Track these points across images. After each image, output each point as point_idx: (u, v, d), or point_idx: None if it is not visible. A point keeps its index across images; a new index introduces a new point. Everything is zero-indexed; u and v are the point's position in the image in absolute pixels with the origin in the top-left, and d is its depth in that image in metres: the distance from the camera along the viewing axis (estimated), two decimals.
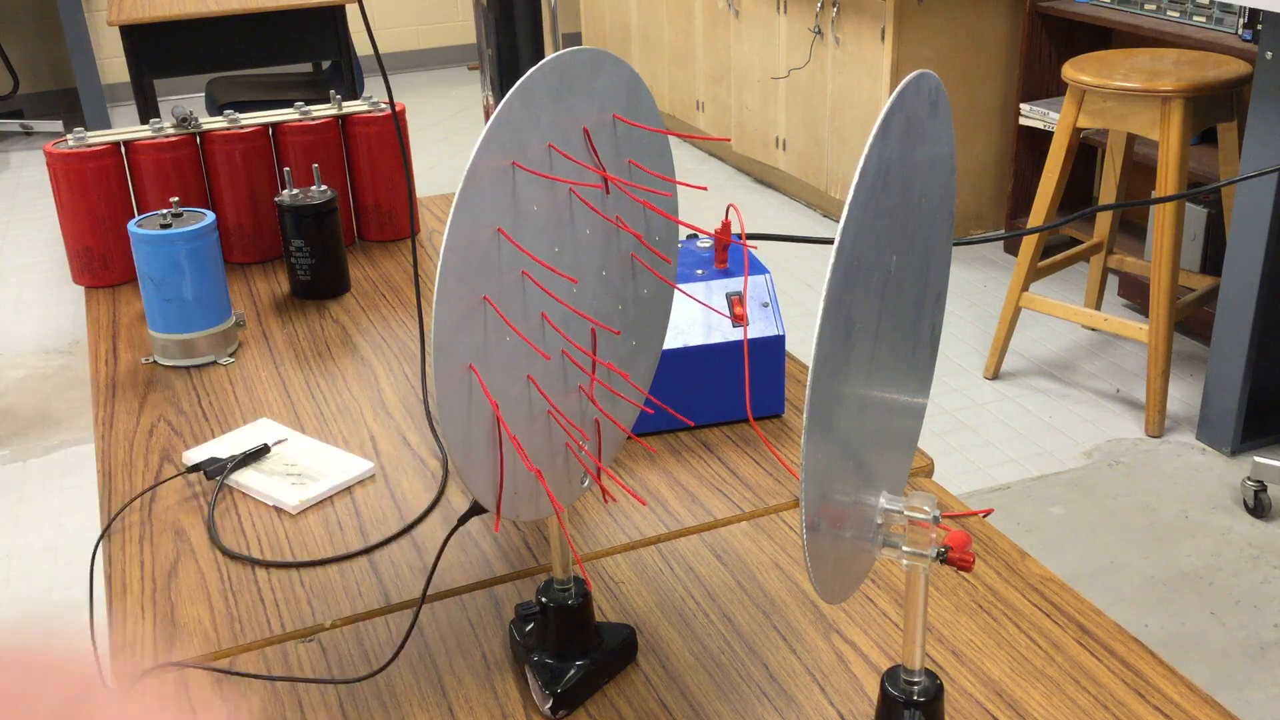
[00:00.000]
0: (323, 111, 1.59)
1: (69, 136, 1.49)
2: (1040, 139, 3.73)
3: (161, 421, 1.20)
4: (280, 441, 1.14)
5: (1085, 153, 3.83)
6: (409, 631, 0.86)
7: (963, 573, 0.85)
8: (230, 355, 1.33)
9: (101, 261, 1.51)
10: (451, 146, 5.36)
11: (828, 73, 3.99)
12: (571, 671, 0.82)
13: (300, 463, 1.11)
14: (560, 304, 0.74)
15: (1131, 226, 3.73)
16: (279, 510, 1.05)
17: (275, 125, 1.56)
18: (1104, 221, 3.22)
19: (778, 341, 1.12)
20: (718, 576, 0.95)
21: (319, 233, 1.44)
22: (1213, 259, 3.15)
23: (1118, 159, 3.10)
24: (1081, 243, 3.26)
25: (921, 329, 0.73)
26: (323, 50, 3.67)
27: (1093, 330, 3.37)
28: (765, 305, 1.12)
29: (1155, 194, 3.10)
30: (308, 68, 4.40)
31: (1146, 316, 3.01)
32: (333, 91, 1.63)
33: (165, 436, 1.18)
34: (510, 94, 0.67)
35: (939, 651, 0.86)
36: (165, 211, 1.31)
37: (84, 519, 2.72)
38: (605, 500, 1.05)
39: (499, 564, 0.98)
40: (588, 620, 0.84)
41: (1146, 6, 3.31)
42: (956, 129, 3.83)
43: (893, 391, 0.71)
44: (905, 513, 0.67)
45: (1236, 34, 3.06)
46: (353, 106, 1.60)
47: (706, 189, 0.79)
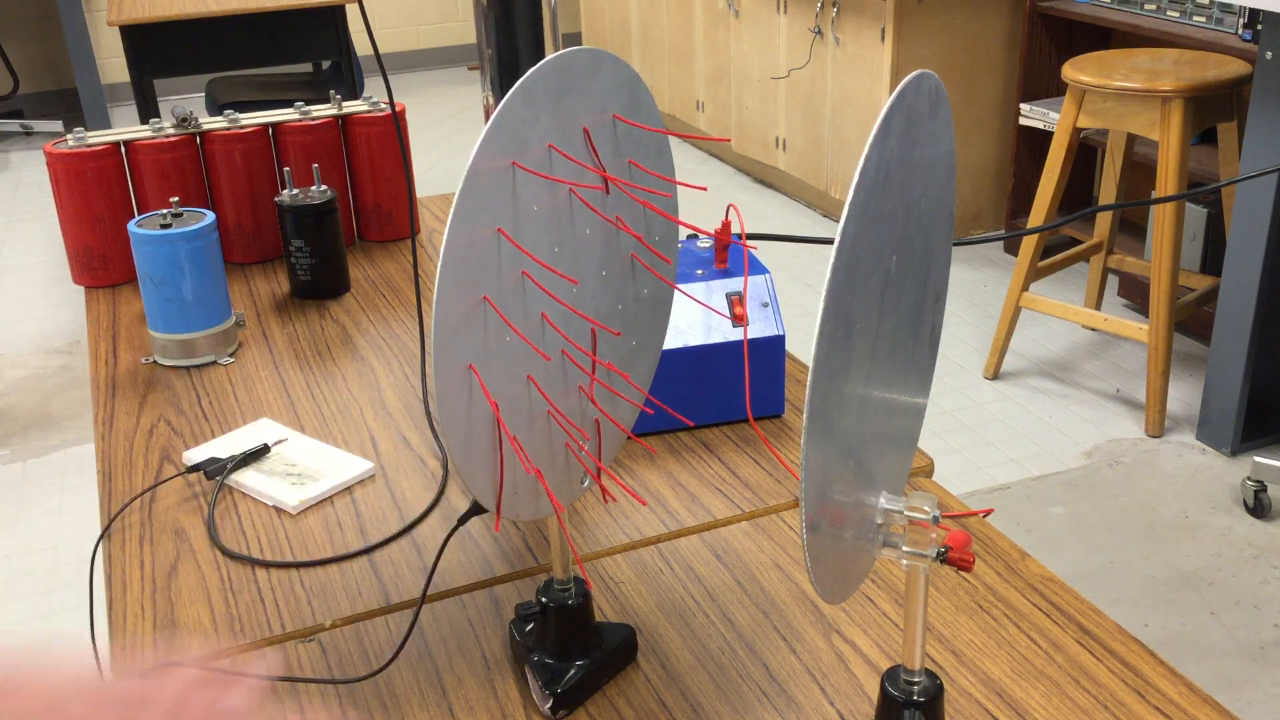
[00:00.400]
0: (323, 111, 1.59)
1: (69, 136, 1.49)
2: (1040, 139, 3.73)
3: (161, 421, 1.20)
4: (280, 441, 1.14)
5: (1085, 153, 3.83)
6: (409, 631, 0.86)
7: (963, 573, 0.85)
8: (230, 355, 1.33)
9: (101, 261, 1.51)
10: (451, 146, 5.36)
11: (828, 73, 3.99)
12: (571, 671, 0.82)
13: (300, 463, 1.11)
14: (560, 304, 0.74)
15: (1131, 226, 3.73)
16: (279, 510, 1.05)
17: (275, 125, 1.56)
18: (1104, 221, 3.22)
19: (778, 341, 1.12)
20: (718, 576, 0.95)
21: (319, 233, 1.44)
22: (1213, 259, 3.15)
23: (1118, 159, 3.10)
24: (1081, 243, 3.25)
25: (921, 329, 0.73)
26: (323, 50, 3.67)
27: (1093, 330, 3.37)
28: (765, 305, 1.12)
29: (1155, 194, 3.10)
30: (308, 68, 4.40)
31: (1146, 316, 3.01)
32: (333, 91, 1.63)
33: (165, 436, 1.18)
34: (510, 94, 0.67)
35: (939, 651, 0.86)
36: (165, 211, 1.31)
37: (84, 519, 2.72)
38: (605, 500, 1.05)
39: (499, 564, 0.98)
40: (588, 620, 0.84)
41: (1146, 6, 3.31)
42: (956, 129, 3.82)
43: (893, 391, 0.71)
44: (905, 513, 0.67)
45: (1236, 34, 3.06)
46: (353, 106, 1.60)
47: (706, 189, 0.79)
